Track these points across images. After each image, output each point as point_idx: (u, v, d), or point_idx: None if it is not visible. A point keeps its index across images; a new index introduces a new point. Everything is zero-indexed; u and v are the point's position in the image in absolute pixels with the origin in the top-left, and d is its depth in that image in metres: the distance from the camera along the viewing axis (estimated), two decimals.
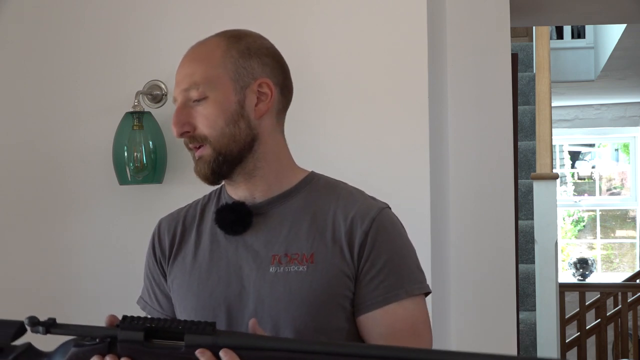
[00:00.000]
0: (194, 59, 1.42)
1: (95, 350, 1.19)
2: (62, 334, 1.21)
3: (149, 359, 1.17)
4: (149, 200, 2.48)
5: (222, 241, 1.43)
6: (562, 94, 8.26)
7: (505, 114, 2.54)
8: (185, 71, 1.41)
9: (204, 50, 1.43)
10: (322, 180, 1.48)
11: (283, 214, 1.42)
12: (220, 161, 1.39)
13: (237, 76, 1.40)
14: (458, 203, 2.50)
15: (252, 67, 1.41)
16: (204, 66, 1.40)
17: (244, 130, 1.40)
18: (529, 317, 5.75)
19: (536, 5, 4.10)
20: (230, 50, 1.41)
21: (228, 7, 2.47)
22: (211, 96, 1.38)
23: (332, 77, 2.45)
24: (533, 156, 6.22)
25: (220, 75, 1.39)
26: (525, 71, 6.64)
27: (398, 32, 2.41)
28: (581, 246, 10.03)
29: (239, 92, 1.40)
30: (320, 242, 1.39)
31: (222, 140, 1.38)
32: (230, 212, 1.42)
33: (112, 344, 1.18)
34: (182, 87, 1.40)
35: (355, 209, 1.41)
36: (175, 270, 1.47)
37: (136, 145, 2.42)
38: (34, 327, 1.18)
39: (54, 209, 2.54)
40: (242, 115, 1.40)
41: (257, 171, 1.42)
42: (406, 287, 1.39)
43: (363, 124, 2.42)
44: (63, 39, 2.55)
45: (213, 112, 1.38)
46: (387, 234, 1.41)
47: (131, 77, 2.48)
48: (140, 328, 1.18)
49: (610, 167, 10.23)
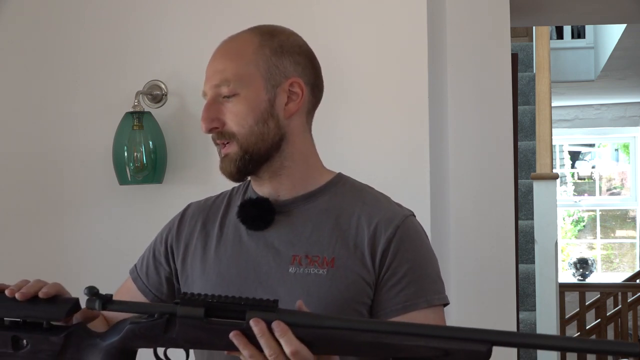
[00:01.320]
0: (225, 55, 1.40)
1: (154, 327, 1.19)
2: (118, 310, 1.22)
3: (209, 336, 1.17)
4: (149, 200, 2.48)
5: (245, 236, 1.42)
6: (562, 94, 8.26)
7: (505, 114, 2.54)
8: (216, 67, 1.39)
9: (236, 46, 1.41)
10: (349, 184, 1.46)
11: (306, 214, 1.41)
12: (247, 160, 1.38)
13: (268, 74, 1.39)
14: (458, 203, 2.49)
15: (284, 65, 1.40)
16: (235, 63, 1.38)
17: (273, 130, 1.39)
18: (529, 317, 5.76)
19: (536, 5, 4.10)
20: (263, 48, 1.39)
21: (228, 7, 2.47)
22: (242, 93, 1.37)
23: (332, 77, 2.44)
24: (533, 156, 6.23)
25: (252, 72, 1.38)
26: (525, 71, 6.64)
27: (398, 32, 2.41)
28: (581, 246, 10.03)
29: (270, 91, 1.38)
30: (342, 246, 1.37)
31: (250, 139, 1.37)
32: (253, 207, 1.41)
33: (170, 321, 1.18)
34: (212, 82, 1.38)
35: (380, 215, 1.40)
36: (193, 259, 1.46)
37: (136, 145, 2.42)
38: (91, 298, 1.18)
39: (54, 208, 2.54)
40: (272, 114, 1.39)
41: (284, 170, 1.41)
42: (427, 296, 1.37)
43: (363, 124, 2.42)
44: (63, 39, 2.55)
45: (243, 109, 1.37)
46: (410, 242, 1.39)
47: (131, 77, 2.48)
48: (200, 304, 1.17)
49: (610, 167, 10.23)
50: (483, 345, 1.09)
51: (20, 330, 1.22)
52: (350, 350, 1.14)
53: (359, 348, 1.14)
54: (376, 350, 1.14)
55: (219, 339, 1.16)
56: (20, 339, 1.21)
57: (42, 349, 1.21)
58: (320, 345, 1.14)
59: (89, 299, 1.20)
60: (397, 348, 1.12)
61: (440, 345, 1.11)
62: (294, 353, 1.13)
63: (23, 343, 1.21)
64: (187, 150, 2.48)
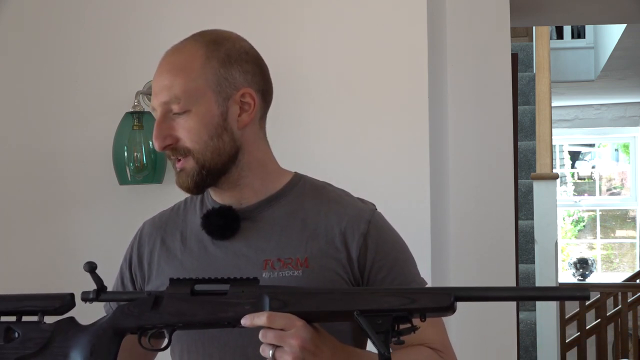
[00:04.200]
0: (171, 70, 1.36)
1: (142, 303, 1.22)
2: (111, 300, 1.27)
3: (191, 306, 1.20)
4: (149, 200, 2.48)
5: (210, 247, 1.40)
6: (562, 94, 8.26)
7: (505, 114, 2.54)
8: (163, 82, 1.36)
9: (182, 60, 1.37)
10: (308, 183, 1.45)
11: (272, 217, 1.40)
12: (204, 174, 1.35)
13: (218, 88, 1.35)
14: (458, 203, 2.50)
15: (233, 76, 1.36)
16: (183, 78, 1.34)
17: (228, 143, 1.36)
18: (529, 317, 5.76)
19: (536, 5, 4.11)
20: (210, 60, 1.35)
21: (228, 7, 2.47)
22: (193, 109, 1.33)
23: (332, 77, 2.45)
24: (533, 156, 6.23)
25: (200, 87, 1.34)
26: (525, 71, 6.64)
27: (398, 32, 2.41)
28: (581, 246, 10.03)
29: (221, 104, 1.35)
30: (313, 245, 1.37)
31: (206, 154, 1.34)
32: (218, 217, 1.39)
33: (157, 301, 1.22)
34: (161, 99, 1.35)
35: (348, 212, 1.40)
36: (157, 277, 1.44)
37: (136, 145, 2.42)
38: (92, 272, 1.24)
39: (54, 208, 2.54)
40: (225, 128, 1.35)
41: (242, 180, 1.39)
42: (416, 280, 1.41)
43: (363, 125, 2.42)
44: (63, 39, 2.55)
45: (195, 125, 1.33)
46: (385, 234, 1.41)
47: (131, 77, 2.48)
48: (187, 284, 1.22)
49: (610, 167, 10.23)
50: (447, 297, 1.15)
51: (13, 323, 1.25)
52: (323, 306, 1.18)
53: (331, 304, 1.18)
54: (346, 305, 1.17)
55: (201, 308, 1.20)
56: (13, 331, 1.24)
57: (31, 337, 1.23)
58: (297, 304, 1.19)
59: (83, 292, 1.25)
60: (366, 300, 1.16)
61: (406, 295, 1.16)
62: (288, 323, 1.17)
63: (14, 335, 1.24)
64: None
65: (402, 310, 1.15)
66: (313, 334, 1.17)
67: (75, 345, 1.22)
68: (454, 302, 1.14)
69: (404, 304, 1.15)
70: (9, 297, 1.27)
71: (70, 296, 1.26)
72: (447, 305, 1.14)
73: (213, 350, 1.37)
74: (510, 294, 1.28)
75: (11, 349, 1.23)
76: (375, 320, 1.14)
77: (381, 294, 1.17)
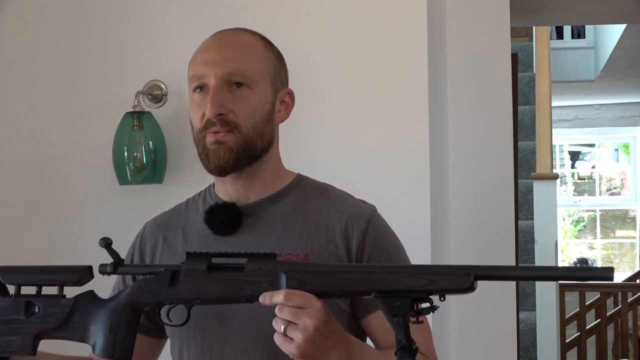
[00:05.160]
0: (237, 46, 1.39)
1: (159, 279, 1.24)
2: (128, 273, 1.31)
3: (208, 284, 1.22)
4: (149, 200, 2.48)
5: (212, 243, 1.42)
6: (562, 94, 8.26)
7: (505, 114, 2.54)
8: (227, 55, 1.37)
9: (246, 42, 1.40)
10: (310, 183, 1.48)
11: (274, 215, 1.41)
12: (244, 154, 1.36)
13: (274, 79, 1.41)
14: (458, 203, 2.49)
15: (283, 74, 1.43)
16: (251, 57, 1.38)
17: (269, 132, 1.40)
18: (529, 317, 5.75)
19: (536, 5, 4.10)
20: (269, 53, 1.41)
21: (229, 7, 2.47)
22: (254, 88, 1.37)
23: (332, 77, 2.45)
24: (533, 156, 6.22)
25: (264, 72, 1.39)
26: (525, 71, 6.64)
27: (398, 32, 2.42)
28: (581, 246, 10.03)
29: (272, 95, 1.40)
30: (313, 243, 1.39)
31: (252, 134, 1.37)
32: (221, 212, 1.41)
33: (174, 276, 1.23)
34: (225, 69, 1.36)
35: (349, 210, 1.42)
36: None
37: (136, 145, 2.42)
38: (108, 247, 1.26)
39: (53, 208, 2.54)
40: (271, 118, 1.41)
41: (260, 173, 1.42)
42: None
43: (363, 124, 2.42)
44: (63, 39, 2.55)
45: (254, 103, 1.37)
46: (383, 234, 1.43)
47: (131, 77, 2.48)
48: (204, 258, 1.23)
49: (610, 167, 10.23)
50: (467, 278, 1.14)
51: (33, 297, 1.27)
52: (340, 286, 1.18)
53: (349, 284, 1.18)
54: (364, 286, 1.17)
55: (218, 286, 1.21)
56: (34, 305, 1.26)
57: (52, 312, 1.25)
58: (314, 284, 1.19)
59: (101, 264, 1.27)
60: (384, 281, 1.16)
61: (425, 276, 1.15)
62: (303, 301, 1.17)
63: (35, 309, 1.26)
64: (187, 150, 2.48)
65: (421, 291, 1.14)
66: (328, 317, 1.18)
67: (95, 320, 1.25)
68: (473, 282, 1.14)
69: (422, 285, 1.14)
70: (28, 269, 1.29)
71: (89, 269, 1.28)
72: (467, 286, 1.14)
73: (212, 344, 1.38)
74: (531, 274, 1.27)
75: (32, 323, 1.25)
76: (393, 302, 1.13)
77: (399, 273, 1.16)
